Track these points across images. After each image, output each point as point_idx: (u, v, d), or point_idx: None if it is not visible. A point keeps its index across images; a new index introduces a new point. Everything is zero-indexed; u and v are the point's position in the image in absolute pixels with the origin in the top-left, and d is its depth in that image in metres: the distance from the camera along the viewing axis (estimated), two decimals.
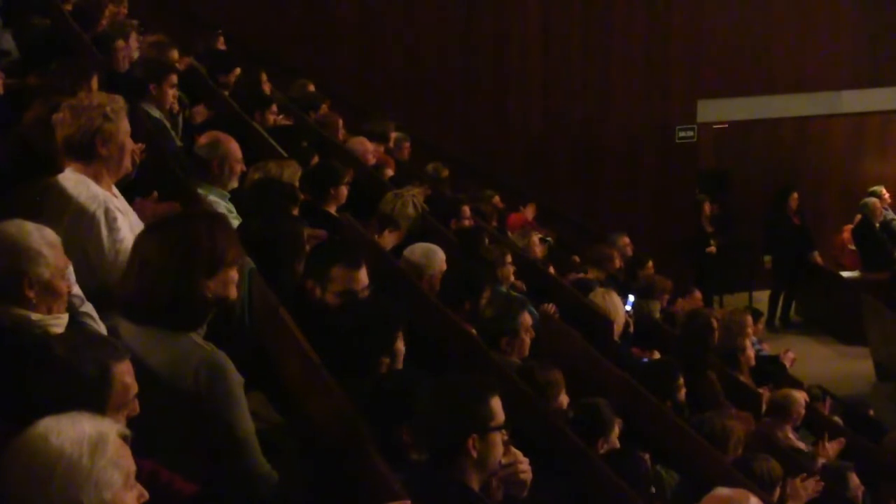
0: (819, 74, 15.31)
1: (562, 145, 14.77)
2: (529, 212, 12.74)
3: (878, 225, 14.98)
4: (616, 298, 8.57)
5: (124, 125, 4.74)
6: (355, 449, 4.01)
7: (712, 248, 15.33)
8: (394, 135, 11.55)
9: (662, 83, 14.96)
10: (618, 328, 8.45)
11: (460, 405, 3.90)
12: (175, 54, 8.83)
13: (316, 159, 8.24)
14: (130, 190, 5.17)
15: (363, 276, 5.20)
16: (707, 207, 15.63)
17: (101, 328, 4.10)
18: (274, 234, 5.35)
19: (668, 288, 10.37)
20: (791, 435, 8.43)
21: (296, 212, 6.37)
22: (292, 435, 4.20)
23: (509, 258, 8.11)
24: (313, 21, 14.16)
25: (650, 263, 11.72)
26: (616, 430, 6.08)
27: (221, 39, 11.74)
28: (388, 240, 7.56)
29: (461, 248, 8.12)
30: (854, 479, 7.09)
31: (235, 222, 5.76)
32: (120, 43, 8.43)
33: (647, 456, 6.24)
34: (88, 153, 4.65)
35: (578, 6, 14.81)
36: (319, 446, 4.21)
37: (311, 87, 11.97)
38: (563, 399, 6.13)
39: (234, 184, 6.48)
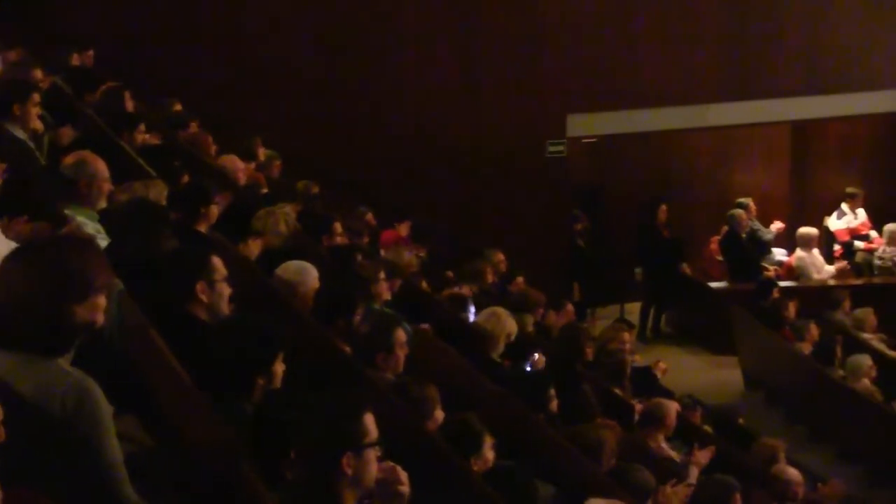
0: (686, 88, 15.54)
1: (435, 161, 14.79)
2: (403, 228, 12.75)
3: (744, 236, 15.27)
4: (507, 320, 8.60)
5: None
6: (230, 471, 3.97)
7: (580, 261, 15.51)
8: (264, 152, 11.49)
9: (533, 98, 15.06)
10: (501, 344, 8.47)
11: (333, 423, 3.90)
12: (38, 73, 8.67)
13: (186, 178, 8.16)
14: None
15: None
16: (576, 223, 15.83)
17: None
18: (146, 255, 5.29)
19: (540, 301, 10.45)
20: (663, 445, 8.54)
21: (167, 232, 6.29)
22: (165, 459, 4.15)
23: (383, 275, 8.10)
24: (183, 38, 14.02)
25: (520, 278, 11.82)
26: (488, 445, 6.10)
27: (90, 56, 11.57)
28: (253, 247, 7.52)
29: (334, 266, 8.10)
30: (737, 500, 7.20)
31: (104, 243, 5.67)
32: None
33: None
34: None
35: (452, 20, 14.86)
36: (193, 469, 4.16)
37: (178, 107, 11.85)
38: (439, 414, 6.14)
39: (103, 204, 6.38)
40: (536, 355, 8.74)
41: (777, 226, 15.93)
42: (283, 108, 14.22)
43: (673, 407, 8.75)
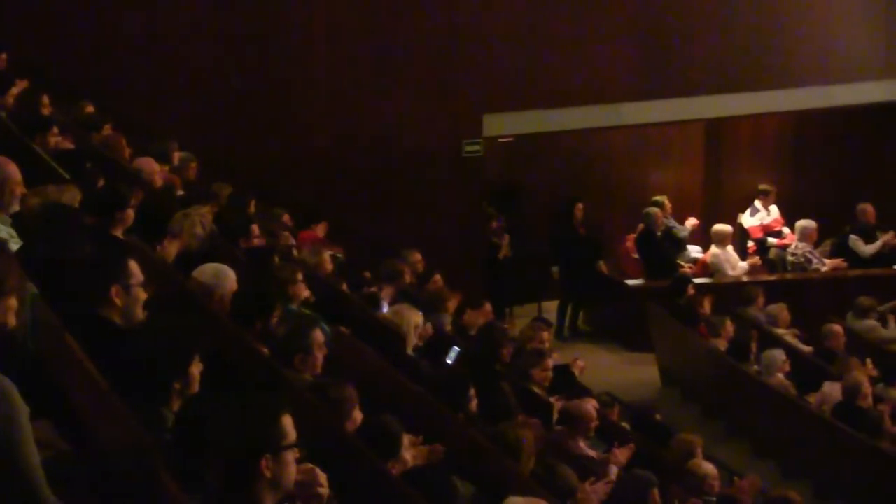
0: (600, 87, 15.64)
1: (352, 161, 14.75)
2: (321, 229, 12.71)
3: (659, 234, 15.42)
4: (409, 313, 8.64)
5: None
6: (146, 476, 3.94)
7: (497, 261, 15.59)
8: (178, 154, 11.40)
9: (449, 98, 15.08)
10: (411, 342, 8.53)
11: (251, 426, 3.88)
12: None
13: (101, 182, 8.08)
14: None
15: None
16: (493, 222, 15.90)
17: None
18: (60, 258, 5.24)
19: (451, 299, 10.49)
20: (582, 443, 8.60)
21: (81, 236, 6.23)
22: (81, 464, 4.11)
23: (300, 276, 8.08)
24: (99, 41, 13.84)
25: (437, 277, 11.83)
26: (406, 446, 6.11)
27: (3, 59, 11.40)
28: (171, 250, 7.46)
29: (251, 267, 8.06)
30: (655, 495, 7.27)
31: (16, 247, 5.61)
32: None
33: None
34: None
35: (368, 20, 14.81)
36: (109, 474, 4.12)
37: (91, 108, 11.72)
38: (357, 416, 6.14)
39: (16, 207, 6.31)
40: (455, 349, 8.80)
41: (692, 222, 16.11)
42: (199, 109, 14.10)
43: (592, 405, 8.81)
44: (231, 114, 14.24)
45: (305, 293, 8.04)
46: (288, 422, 3.94)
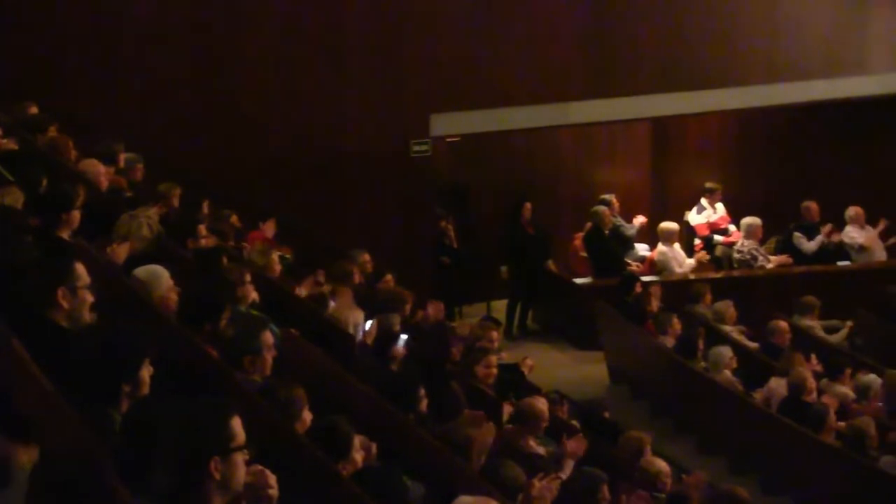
0: (548, 86, 15.66)
1: (300, 162, 14.69)
2: (269, 229, 12.67)
3: (607, 232, 15.50)
4: (349, 312, 8.67)
5: None
6: (94, 479, 3.92)
7: (446, 260, 15.61)
8: (124, 156, 11.32)
9: (396, 98, 15.07)
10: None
11: (200, 428, 3.87)
12: None
13: (45, 183, 8.01)
14: None
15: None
16: (442, 222, 15.91)
17: None
18: (4, 261, 5.20)
19: (408, 300, 10.49)
20: (532, 441, 8.63)
21: (25, 238, 6.19)
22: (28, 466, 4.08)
23: (249, 277, 8.05)
24: (43, 41, 13.71)
25: (389, 277, 11.83)
26: (357, 446, 6.11)
27: None
28: (120, 252, 7.42)
29: (199, 269, 8.03)
30: (605, 492, 7.30)
31: None
32: None
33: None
34: None
35: (315, 19, 14.74)
36: (56, 478, 4.09)
37: (34, 109, 11.61)
38: (307, 417, 6.13)
39: None
40: (403, 337, 8.84)
41: (640, 220, 16.18)
42: (145, 110, 14.00)
43: (542, 404, 8.84)
44: (179, 115, 14.13)
45: (254, 295, 8.02)
46: (237, 423, 3.93)
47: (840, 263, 15.74)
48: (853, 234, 15.88)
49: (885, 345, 13.71)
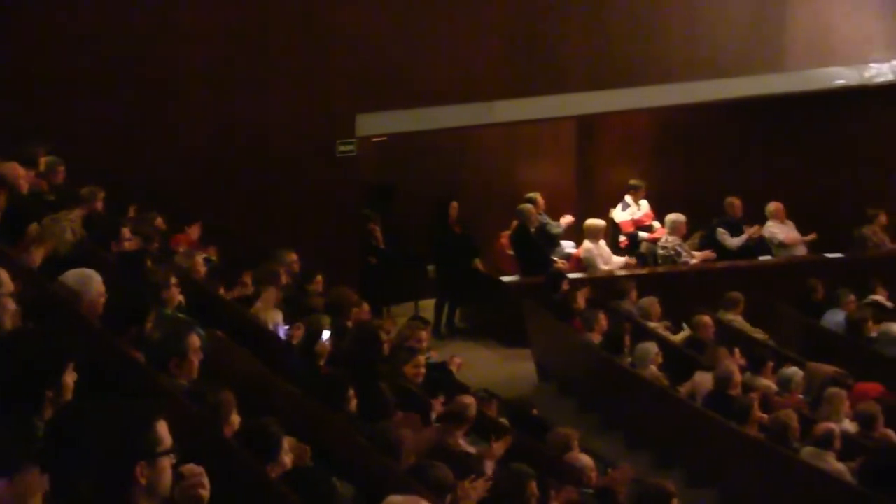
0: (473, 85, 15.68)
1: (227, 162, 14.59)
2: (194, 231, 12.59)
3: (533, 230, 15.57)
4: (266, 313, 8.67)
5: None
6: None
7: (373, 260, 15.60)
8: (45, 159, 11.19)
9: (322, 98, 15.02)
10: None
11: (125, 433, 3.84)
12: None
13: None
14: None
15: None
16: (369, 221, 15.90)
17: None
18: None
19: (354, 300, 10.56)
20: (461, 441, 8.66)
21: None
22: None
23: (174, 280, 8.01)
24: None
25: (319, 278, 11.81)
26: (286, 448, 6.10)
27: None
28: (36, 256, 7.34)
29: (123, 272, 7.97)
30: (532, 488, 7.35)
31: None
32: None
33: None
34: None
35: (241, 20, 14.64)
36: None
37: None
38: (235, 419, 6.12)
39: None
40: (327, 332, 8.86)
41: (567, 220, 16.26)
42: (66, 111, 13.82)
43: (470, 402, 8.87)
44: (100, 115, 13.98)
45: (179, 297, 7.98)
46: (163, 428, 3.91)
47: (762, 258, 15.95)
48: (774, 230, 16.10)
49: (806, 338, 13.94)
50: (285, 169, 14.79)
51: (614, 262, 15.65)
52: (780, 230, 16.08)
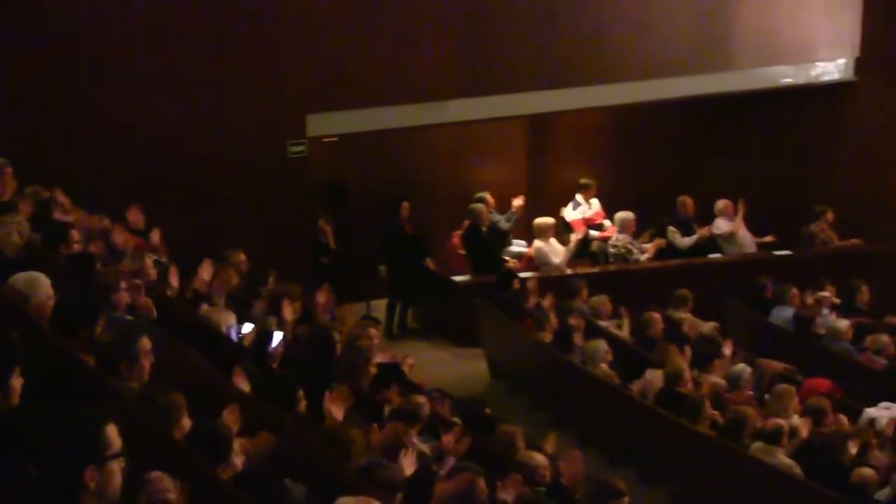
0: (423, 85, 15.70)
1: (176, 164, 14.51)
2: (155, 236, 12.49)
3: (485, 229, 15.61)
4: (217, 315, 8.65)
5: None
6: None
7: (324, 260, 15.58)
8: None
9: (272, 99, 14.97)
10: None
11: (73, 436, 3.82)
12: None
13: None
14: None
15: None
16: (320, 222, 15.87)
17: None
18: None
19: (297, 293, 10.56)
20: (415, 440, 8.66)
21: None
22: None
23: (124, 283, 7.97)
24: None
25: (272, 278, 11.79)
26: (237, 449, 6.09)
27: None
28: None
29: (72, 274, 7.92)
30: (481, 483, 7.37)
31: None
32: None
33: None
34: None
35: (189, 20, 14.57)
36: None
37: None
38: (186, 422, 6.10)
39: None
40: (278, 335, 8.85)
41: (517, 203, 16.24)
42: (14, 113, 13.71)
43: (423, 402, 8.88)
44: (49, 118, 13.89)
45: (128, 300, 7.94)
46: (112, 431, 3.88)
47: (711, 256, 16.06)
48: (723, 227, 16.21)
49: (755, 334, 14.04)
50: (236, 170, 14.74)
51: (566, 252, 15.59)
52: (728, 227, 16.18)
